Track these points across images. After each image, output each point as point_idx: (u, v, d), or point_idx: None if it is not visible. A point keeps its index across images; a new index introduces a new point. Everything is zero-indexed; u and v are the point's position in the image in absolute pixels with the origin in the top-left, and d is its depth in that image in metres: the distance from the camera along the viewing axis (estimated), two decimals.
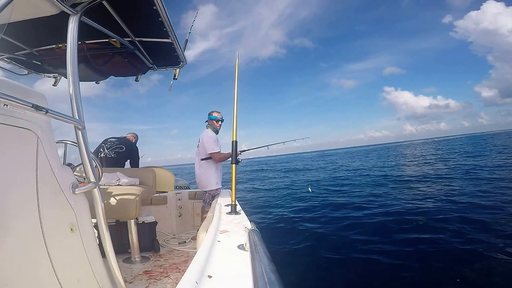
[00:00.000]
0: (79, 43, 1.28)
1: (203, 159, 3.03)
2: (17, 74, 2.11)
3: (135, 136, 3.81)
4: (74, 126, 1.12)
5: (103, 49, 1.87)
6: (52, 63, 2.02)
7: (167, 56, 2.16)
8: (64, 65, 1.17)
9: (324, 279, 3.24)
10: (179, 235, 3.22)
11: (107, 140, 3.33)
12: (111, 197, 2.09)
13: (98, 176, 1.27)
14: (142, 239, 2.49)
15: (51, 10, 1.15)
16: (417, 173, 11.32)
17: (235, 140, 1.98)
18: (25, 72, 2.12)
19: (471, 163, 12.61)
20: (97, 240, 1.23)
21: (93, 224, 1.19)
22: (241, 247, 1.09)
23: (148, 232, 2.67)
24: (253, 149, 3.96)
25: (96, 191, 1.19)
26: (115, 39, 1.74)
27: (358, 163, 22.09)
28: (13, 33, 1.55)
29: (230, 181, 1.91)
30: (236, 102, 1.97)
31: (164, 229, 3.25)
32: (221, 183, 3.15)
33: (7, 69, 2.03)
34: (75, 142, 1.16)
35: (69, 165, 1.26)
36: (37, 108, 0.85)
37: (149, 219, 2.73)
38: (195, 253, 1.01)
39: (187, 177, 7.87)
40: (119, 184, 2.41)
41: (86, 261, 1.11)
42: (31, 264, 0.91)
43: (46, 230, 0.94)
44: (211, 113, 3.09)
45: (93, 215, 1.19)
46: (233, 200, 1.84)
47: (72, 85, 1.12)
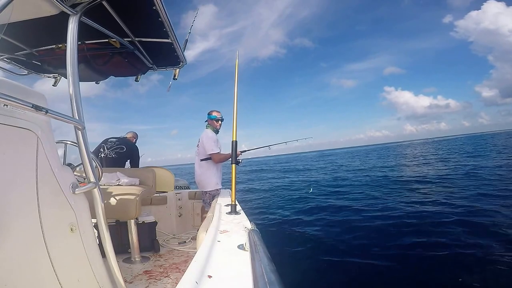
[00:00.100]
0: (79, 43, 1.28)
1: (202, 160, 3.02)
2: (17, 74, 2.10)
3: (135, 135, 3.79)
4: (74, 126, 1.12)
5: (103, 49, 1.87)
6: (52, 63, 2.02)
7: (167, 56, 2.16)
8: (64, 65, 1.18)
9: (322, 280, 3.23)
10: (179, 235, 3.22)
11: (108, 140, 3.32)
12: (111, 197, 2.09)
13: (98, 176, 1.28)
14: (142, 239, 2.49)
15: (51, 10, 1.15)
16: (417, 174, 11.28)
17: (235, 140, 1.99)
18: (25, 72, 2.12)
19: (472, 163, 12.61)
20: (97, 240, 1.23)
21: (93, 224, 1.19)
22: (241, 247, 1.09)
23: (148, 232, 2.67)
24: (254, 149, 3.91)
25: (96, 191, 1.19)
26: (115, 39, 1.75)
27: (358, 163, 22.08)
28: (13, 33, 1.55)
29: (230, 181, 1.91)
30: (236, 102, 1.97)
31: (164, 229, 3.25)
32: (221, 183, 3.14)
33: (7, 69, 2.02)
34: (75, 142, 1.16)
35: (69, 165, 1.26)
36: (37, 108, 0.85)
37: (149, 219, 2.73)
38: (195, 253, 1.01)
39: (187, 177, 7.85)
40: (119, 184, 2.41)
41: (86, 261, 1.11)
42: (31, 264, 0.91)
43: (46, 230, 0.94)
44: (210, 113, 3.07)
45: (93, 215, 1.19)
46: (233, 200, 1.85)
47: (72, 85, 1.13)
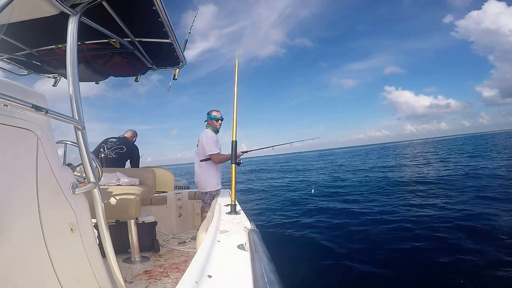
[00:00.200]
0: (79, 43, 1.28)
1: (202, 160, 3.00)
2: (17, 74, 2.10)
3: (134, 134, 3.75)
4: (74, 126, 1.12)
5: (102, 49, 1.87)
6: (52, 64, 2.02)
7: (166, 56, 2.16)
8: (64, 66, 1.18)
9: (322, 281, 3.23)
10: (179, 235, 3.22)
11: (108, 140, 3.31)
12: (111, 197, 2.09)
13: (98, 176, 1.28)
14: (142, 239, 2.49)
15: (51, 10, 1.15)
16: (417, 175, 11.27)
17: (235, 140, 1.99)
18: (25, 72, 2.12)
19: (472, 164, 12.61)
20: (97, 240, 1.23)
21: (93, 224, 1.19)
22: (241, 247, 1.09)
23: (148, 232, 2.67)
24: (255, 150, 3.87)
25: (96, 191, 1.20)
26: (114, 40, 1.75)
27: (358, 163, 22.07)
28: (13, 34, 1.55)
29: (229, 181, 1.91)
30: (236, 102, 1.97)
31: (164, 229, 3.25)
32: (221, 183, 3.13)
33: (7, 70, 2.02)
34: (75, 142, 1.16)
35: (69, 165, 1.26)
36: (37, 108, 0.85)
37: (149, 219, 2.73)
38: (195, 253, 1.01)
39: (187, 176, 7.84)
40: (119, 184, 2.41)
41: (86, 261, 1.11)
42: (31, 264, 0.91)
43: (46, 230, 0.94)
44: (210, 112, 3.05)
45: (93, 215, 1.19)
46: (233, 200, 1.84)
47: (72, 86, 1.13)
